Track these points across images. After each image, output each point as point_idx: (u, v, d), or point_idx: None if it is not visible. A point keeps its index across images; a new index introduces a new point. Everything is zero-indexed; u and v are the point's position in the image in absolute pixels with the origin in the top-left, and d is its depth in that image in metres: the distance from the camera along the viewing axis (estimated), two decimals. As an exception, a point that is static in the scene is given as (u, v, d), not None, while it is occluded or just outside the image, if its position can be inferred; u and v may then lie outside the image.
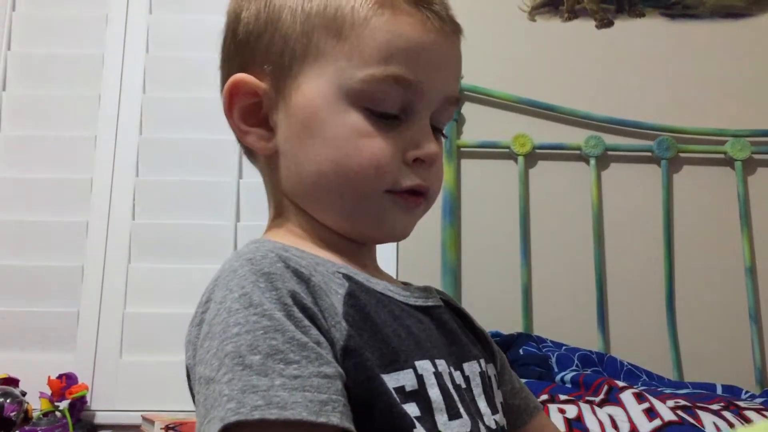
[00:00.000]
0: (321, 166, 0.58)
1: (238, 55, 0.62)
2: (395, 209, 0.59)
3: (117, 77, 1.81)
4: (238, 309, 0.47)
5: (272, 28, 0.59)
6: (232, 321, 0.47)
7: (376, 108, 0.57)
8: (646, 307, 1.71)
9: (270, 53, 0.59)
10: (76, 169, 1.76)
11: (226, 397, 0.44)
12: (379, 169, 0.57)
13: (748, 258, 1.70)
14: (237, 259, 0.51)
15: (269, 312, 0.47)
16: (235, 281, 0.49)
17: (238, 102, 0.60)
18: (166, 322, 1.66)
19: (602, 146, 1.75)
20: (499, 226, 1.73)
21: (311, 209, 0.61)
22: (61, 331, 1.67)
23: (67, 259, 1.71)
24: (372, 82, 0.56)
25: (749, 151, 1.74)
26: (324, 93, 0.57)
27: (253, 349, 0.45)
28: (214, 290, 0.51)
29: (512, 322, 1.65)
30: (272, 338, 0.46)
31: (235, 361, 0.45)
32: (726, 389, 1.46)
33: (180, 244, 1.71)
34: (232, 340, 0.46)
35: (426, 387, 0.53)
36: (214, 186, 1.75)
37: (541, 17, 1.85)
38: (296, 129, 0.58)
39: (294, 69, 0.58)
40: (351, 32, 0.56)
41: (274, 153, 0.61)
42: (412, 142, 0.58)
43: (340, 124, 0.57)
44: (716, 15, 1.85)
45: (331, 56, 0.57)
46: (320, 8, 0.57)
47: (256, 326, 0.46)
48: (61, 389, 1.54)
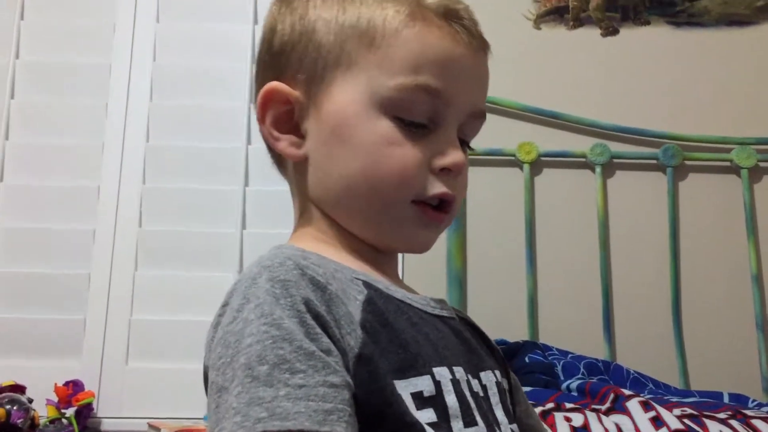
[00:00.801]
0: (350, 173, 0.59)
1: (272, 66, 0.64)
2: (419, 223, 0.61)
3: (124, 85, 1.82)
4: (252, 319, 0.48)
5: (306, 38, 0.61)
6: (247, 332, 0.47)
7: (405, 116, 0.59)
8: (653, 315, 1.70)
9: (303, 62, 0.61)
10: (83, 176, 1.77)
11: (234, 410, 0.44)
12: (407, 177, 0.59)
13: (755, 266, 1.70)
14: (257, 266, 0.53)
15: (279, 321, 0.47)
16: (252, 290, 0.50)
17: (270, 109, 0.62)
18: (173, 330, 1.66)
19: (608, 154, 1.75)
20: (505, 234, 1.73)
21: (337, 215, 0.62)
22: (67, 338, 1.67)
23: (73, 266, 1.71)
24: (402, 91, 0.58)
25: (755, 158, 1.74)
26: (355, 101, 0.59)
27: (261, 360, 0.46)
28: (233, 296, 0.52)
29: (518, 330, 1.65)
30: (280, 348, 0.46)
31: (245, 373, 0.46)
32: (733, 398, 1.46)
33: (186, 251, 1.72)
34: (244, 352, 0.47)
35: (443, 393, 0.53)
36: (221, 194, 1.76)
37: (546, 25, 1.86)
38: (326, 136, 0.60)
39: (326, 77, 0.60)
40: (383, 42, 0.59)
41: (303, 159, 0.62)
42: (439, 152, 0.60)
43: (370, 131, 0.58)
44: (721, 23, 1.85)
45: (363, 65, 0.59)
46: (353, 19, 0.60)
47: (265, 336, 0.47)
48: (67, 396, 1.54)
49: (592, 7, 1.86)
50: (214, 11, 1.87)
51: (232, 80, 1.82)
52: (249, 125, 1.79)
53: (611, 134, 1.78)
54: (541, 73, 1.83)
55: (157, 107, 1.81)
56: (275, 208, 1.73)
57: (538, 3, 1.87)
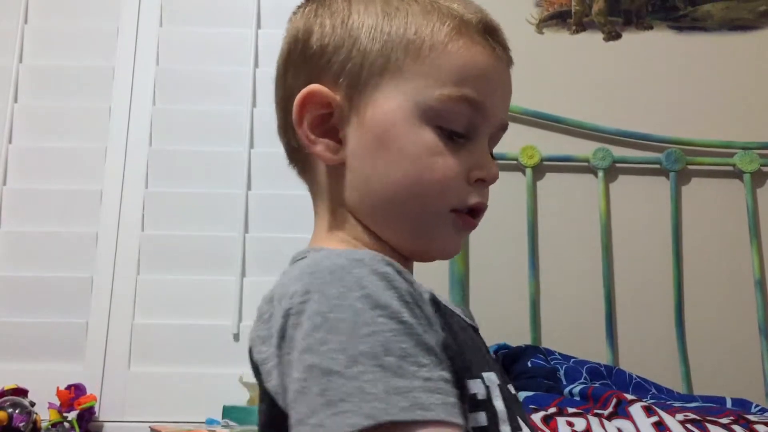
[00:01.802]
0: (392, 180, 0.60)
1: (307, 67, 0.63)
2: (454, 230, 0.63)
3: (127, 89, 1.82)
4: (364, 309, 0.47)
5: (350, 43, 0.61)
6: (360, 321, 0.47)
7: (447, 126, 0.60)
8: (655, 320, 1.70)
9: (346, 67, 0.61)
10: (86, 180, 1.77)
11: (371, 396, 0.44)
12: (449, 188, 0.60)
13: (758, 271, 1.69)
14: (338, 257, 0.51)
15: (397, 314, 0.47)
16: (351, 279, 0.49)
17: (308, 112, 0.62)
18: (175, 333, 1.67)
19: (610, 158, 1.75)
20: (507, 238, 1.73)
21: (372, 221, 0.63)
22: (70, 341, 1.67)
23: (76, 270, 1.71)
24: (447, 102, 0.59)
25: (758, 163, 1.74)
26: (400, 109, 0.60)
27: (388, 351, 0.45)
28: (314, 283, 0.50)
29: (520, 335, 1.65)
30: (402, 341, 0.46)
31: (373, 362, 0.45)
32: (736, 403, 1.45)
33: (189, 255, 1.72)
34: (363, 340, 0.46)
35: (492, 398, 0.55)
36: (223, 198, 1.76)
37: (549, 30, 1.86)
38: (369, 143, 0.61)
39: (370, 84, 0.61)
40: (429, 54, 0.60)
41: (339, 164, 0.62)
42: (476, 163, 0.62)
43: (414, 140, 0.60)
44: (724, 27, 1.85)
45: (408, 75, 0.60)
46: (400, 29, 0.61)
47: (385, 328, 0.46)
48: (69, 400, 1.55)
49: (595, 12, 1.86)
50: (217, 16, 1.87)
51: (235, 84, 1.83)
52: (252, 129, 1.79)
53: (614, 138, 1.78)
54: (544, 78, 1.83)
55: (160, 111, 1.81)
56: (278, 211, 1.73)
57: (540, 7, 1.87)
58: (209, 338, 1.67)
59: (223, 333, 1.67)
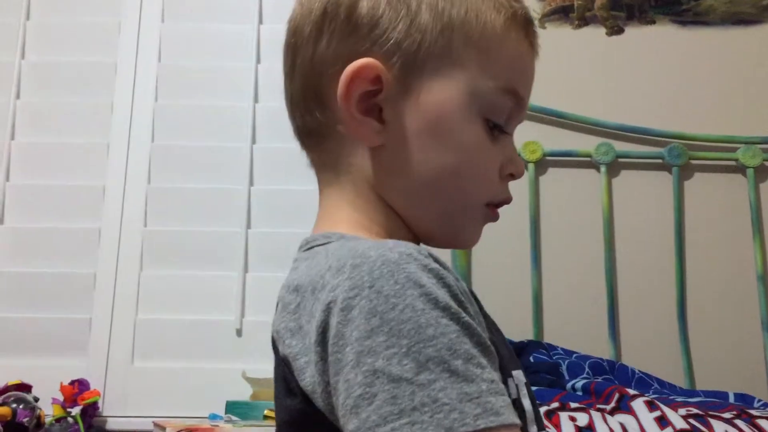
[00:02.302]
0: (440, 169, 0.58)
1: (352, 37, 0.58)
2: (482, 222, 0.63)
3: (129, 85, 1.82)
4: (425, 309, 0.45)
5: (409, 19, 0.57)
6: (423, 322, 0.45)
7: (492, 119, 0.59)
8: (658, 315, 1.70)
9: (403, 44, 0.57)
10: (88, 176, 1.77)
11: (447, 407, 0.42)
12: (490, 182, 0.61)
13: (760, 265, 1.69)
14: (387, 250, 0.48)
15: (457, 314, 0.46)
16: (404, 275, 0.46)
17: (356, 87, 0.57)
18: (178, 329, 1.67)
19: (613, 153, 1.75)
20: (510, 233, 1.73)
21: (406, 206, 0.60)
22: (73, 337, 1.68)
23: (79, 265, 1.72)
24: (498, 94, 0.59)
25: (761, 158, 1.73)
26: (456, 97, 0.58)
27: (454, 354, 0.44)
28: (364, 277, 0.47)
29: (523, 330, 1.65)
30: (464, 342, 0.45)
31: (441, 367, 0.43)
32: (738, 397, 1.45)
33: (191, 251, 1.72)
34: (430, 344, 0.44)
35: (521, 397, 0.54)
36: (226, 193, 1.76)
37: (552, 24, 1.86)
38: (420, 128, 0.58)
39: (427, 67, 0.57)
40: (488, 43, 0.58)
41: (378, 146, 0.59)
42: (509, 158, 0.62)
43: (468, 131, 0.58)
44: (727, 22, 1.84)
45: (466, 63, 0.58)
46: (461, 12, 0.58)
47: (448, 329, 0.45)
48: (73, 395, 1.55)
49: (597, 6, 1.86)
50: (219, 11, 1.87)
51: (237, 80, 1.83)
52: (254, 125, 1.79)
53: (616, 133, 1.78)
54: (546, 72, 1.80)
55: (162, 107, 1.81)
56: (280, 207, 1.74)
57: (543, 2, 1.86)
58: (212, 334, 1.67)
59: (226, 328, 1.68)
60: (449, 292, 0.47)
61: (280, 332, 0.53)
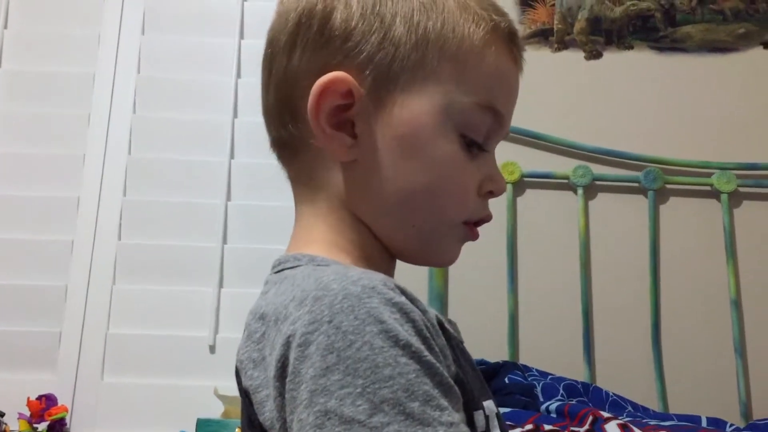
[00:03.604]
0: (413, 186, 0.56)
1: (325, 50, 0.57)
2: (460, 240, 0.61)
3: (107, 96, 1.80)
4: (384, 347, 0.44)
5: (382, 31, 0.56)
6: (381, 361, 0.43)
7: (469, 135, 0.57)
8: (632, 338, 1.71)
9: (375, 58, 0.55)
10: (63, 187, 1.75)
11: None
12: (467, 200, 0.59)
13: (734, 290, 1.71)
14: (351, 283, 0.47)
15: (418, 353, 0.44)
16: (365, 310, 0.45)
17: (327, 101, 0.55)
18: (150, 345, 1.64)
19: (590, 176, 1.76)
20: (487, 254, 1.73)
21: (381, 224, 0.59)
22: (42, 351, 1.65)
23: (50, 278, 1.69)
24: (476, 111, 0.57)
25: (735, 183, 1.75)
26: (430, 112, 0.56)
27: (410, 395, 0.42)
28: (324, 312, 0.45)
29: (498, 351, 1.65)
30: (424, 383, 0.43)
31: (396, 410, 0.42)
32: (711, 422, 1.46)
33: (166, 265, 1.70)
34: (385, 384, 0.43)
35: (490, 428, 0.52)
36: (202, 207, 1.74)
37: (531, 47, 1.87)
38: (392, 143, 0.56)
39: (400, 81, 0.56)
40: (465, 57, 0.56)
41: (350, 162, 0.57)
42: (489, 175, 0.60)
43: (441, 147, 0.56)
44: (703, 49, 1.87)
45: (442, 77, 0.56)
46: (437, 25, 0.56)
47: (407, 369, 0.43)
48: (40, 411, 1.52)
49: (577, 31, 1.88)
50: (200, 25, 1.87)
51: (217, 94, 1.82)
52: (233, 139, 1.78)
53: (594, 156, 1.79)
54: (525, 94, 1.81)
55: (140, 119, 1.80)
56: (257, 222, 1.72)
57: (523, 25, 1.88)
58: (185, 350, 1.65)
59: (199, 344, 1.66)
60: (413, 327, 0.46)
61: (244, 362, 0.52)
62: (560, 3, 1.89)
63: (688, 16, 1.88)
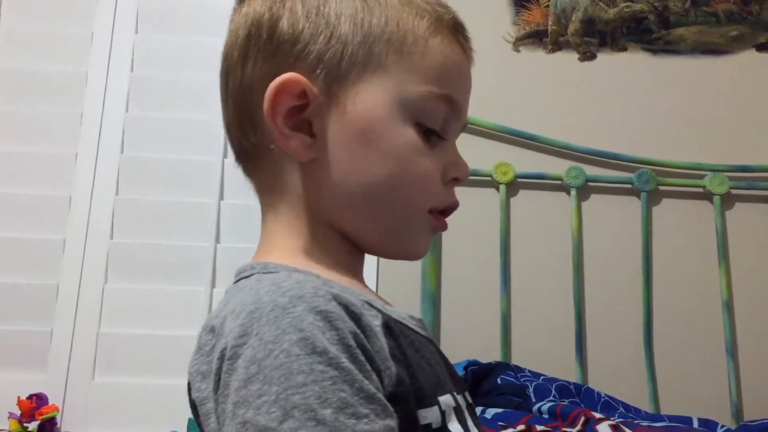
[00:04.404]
0: (374, 179, 0.57)
1: (275, 55, 0.59)
2: (428, 229, 0.62)
3: (100, 95, 1.80)
4: (300, 355, 0.44)
5: (328, 32, 0.57)
6: (295, 368, 0.44)
7: (425, 124, 0.59)
8: (624, 339, 1.71)
9: (324, 57, 0.57)
10: (55, 186, 1.74)
11: None
12: (430, 187, 0.59)
13: (726, 292, 1.71)
14: (280, 294, 0.48)
15: (335, 360, 0.44)
16: (288, 320, 0.45)
17: (282, 103, 0.57)
18: (141, 344, 1.64)
19: (583, 177, 1.76)
20: (480, 254, 1.73)
21: (346, 220, 0.59)
22: (33, 350, 1.64)
23: (42, 277, 1.68)
24: (429, 99, 0.58)
25: (727, 186, 1.76)
26: (383, 104, 0.57)
27: (323, 402, 0.43)
28: (253, 325, 0.46)
29: (491, 351, 1.65)
30: (341, 390, 0.43)
31: (307, 416, 0.42)
32: (702, 423, 1.46)
33: (158, 264, 1.70)
34: (298, 391, 0.43)
35: (447, 423, 0.52)
36: (195, 207, 1.74)
37: (525, 48, 1.88)
38: (349, 138, 0.57)
39: (351, 77, 0.57)
40: (412, 49, 0.58)
41: (310, 161, 0.58)
42: (452, 162, 0.61)
43: (398, 137, 0.57)
44: (697, 51, 1.88)
45: (391, 69, 0.58)
46: (381, 21, 0.58)
47: (323, 376, 0.43)
48: (30, 410, 1.51)
49: (571, 32, 1.88)
50: (194, 24, 1.86)
51: (210, 93, 1.81)
52: (225, 138, 1.77)
53: (587, 158, 1.79)
54: (519, 95, 1.84)
55: (132, 118, 1.79)
56: (250, 222, 1.71)
57: (517, 26, 1.88)
58: (177, 349, 1.64)
59: (191, 344, 1.64)
60: (337, 335, 0.46)
61: (193, 375, 0.53)
62: (554, 4, 1.89)
63: (682, 18, 1.89)
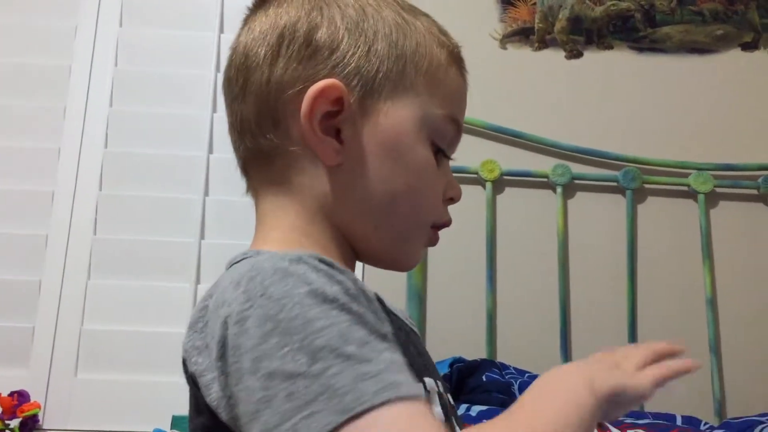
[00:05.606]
0: (395, 189, 0.61)
1: (312, 59, 0.61)
2: (425, 243, 0.67)
3: (84, 89, 1.78)
4: (313, 304, 0.46)
5: (366, 46, 0.61)
6: (312, 315, 0.46)
7: (439, 144, 0.64)
8: (609, 336, 1.71)
9: (362, 68, 0.61)
10: (38, 181, 1.72)
11: (342, 389, 0.43)
12: (437, 202, 0.65)
13: (709, 289, 1.72)
14: (279, 259, 0.50)
15: (347, 306, 0.47)
16: (293, 278, 0.48)
17: (319, 106, 0.59)
18: (124, 340, 1.63)
19: (569, 175, 1.76)
20: (466, 251, 1.73)
21: (358, 226, 0.62)
22: (15, 346, 1.62)
23: (24, 272, 1.67)
24: (446, 121, 0.64)
25: (712, 184, 1.77)
26: (411, 121, 0.62)
27: (345, 341, 0.45)
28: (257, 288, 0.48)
29: (476, 348, 1.65)
30: (357, 330, 0.46)
31: (334, 354, 0.44)
32: (686, 420, 1.47)
33: (142, 260, 1.68)
34: (319, 335, 0.45)
35: (431, 403, 0.55)
36: (179, 202, 1.73)
37: (512, 45, 1.88)
38: (378, 149, 0.61)
39: (384, 92, 0.61)
40: (435, 74, 0.64)
41: (335, 166, 0.61)
42: (450, 182, 0.67)
43: (419, 152, 0.62)
44: (682, 50, 1.89)
45: (419, 90, 0.62)
46: (413, 44, 0.63)
47: (339, 319, 0.46)
48: (12, 407, 1.50)
49: (557, 30, 1.88)
50: (179, 18, 1.85)
51: (195, 88, 1.80)
52: (211, 134, 1.76)
53: (573, 155, 1.80)
54: (506, 93, 1.84)
55: (116, 113, 1.77)
56: (235, 218, 1.71)
57: (504, 23, 1.88)
58: (160, 346, 1.63)
59: (175, 341, 1.62)
60: (341, 287, 0.48)
61: (188, 351, 0.55)
62: (541, 2, 1.89)
63: (668, 16, 1.90)
